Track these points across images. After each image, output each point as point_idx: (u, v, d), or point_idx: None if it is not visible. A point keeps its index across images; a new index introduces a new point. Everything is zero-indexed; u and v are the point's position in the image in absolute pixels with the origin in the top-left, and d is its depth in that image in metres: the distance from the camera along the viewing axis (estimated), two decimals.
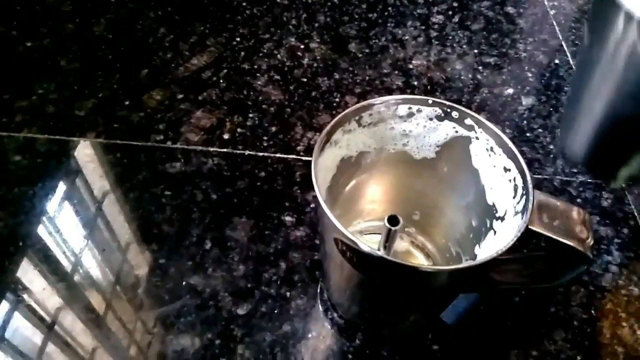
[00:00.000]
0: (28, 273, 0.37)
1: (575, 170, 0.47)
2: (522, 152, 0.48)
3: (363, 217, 0.37)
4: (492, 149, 0.30)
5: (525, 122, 0.51)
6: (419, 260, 0.37)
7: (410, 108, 0.32)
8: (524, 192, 0.27)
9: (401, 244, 0.37)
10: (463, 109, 0.31)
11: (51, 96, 0.49)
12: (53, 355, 0.34)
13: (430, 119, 0.32)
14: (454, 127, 0.32)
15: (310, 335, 0.35)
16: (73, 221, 0.40)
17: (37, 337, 0.34)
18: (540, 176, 0.46)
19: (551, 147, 0.49)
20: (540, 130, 0.50)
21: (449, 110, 0.31)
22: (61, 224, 0.40)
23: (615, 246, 0.42)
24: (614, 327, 0.37)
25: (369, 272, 0.26)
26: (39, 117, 0.47)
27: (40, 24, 0.56)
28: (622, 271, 0.40)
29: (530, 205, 0.26)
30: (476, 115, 0.30)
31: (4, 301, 0.36)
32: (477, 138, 0.31)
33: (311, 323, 0.36)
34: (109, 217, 0.41)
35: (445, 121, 0.32)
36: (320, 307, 0.37)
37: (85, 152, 0.45)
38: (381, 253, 0.23)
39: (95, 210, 0.41)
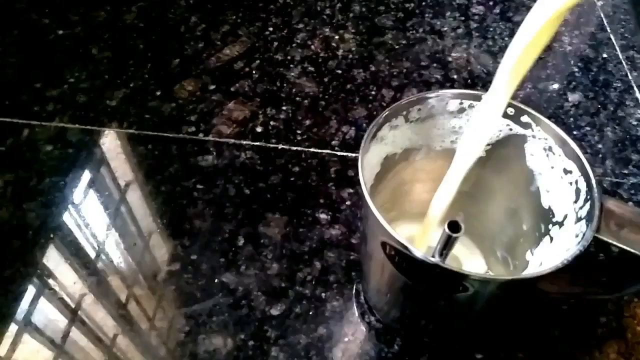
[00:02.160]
0: (58, 265, 0.36)
1: (626, 172, 0.44)
2: None
3: (405, 218, 0.35)
4: (550, 148, 0.28)
5: (571, 119, 0.48)
6: (463, 263, 0.35)
7: (461, 103, 0.30)
8: (589, 196, 0.25)
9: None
10: (520, 105, 0.29)
11: (82, 85, 0.48)
12: (77, 342, 0.33)
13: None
14: (508, 125, 0.29)
15: (346, 339, 0.34)
16: (102, 213, 0.40)
17: (62, 324, 0.34)
18: None
19: (599, 146, 0.46)
20: (587, 128, 0.48)
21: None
22: (90, 216, 0.39)
23: None
24: None
25: (418, 278, 0.25)
26: (70, 106, 0.47)
27: (72, 12, 0.55)
28: None
29: (597, 212, 0.24)
30: (534, 113, 0.28)
31: (32, 288, 0.35)
32: (533, 137, 0.29)
33: (347, 326, 0.35)
34: (139, 210, 0.40)
35: (499, 118, 0.29)
36: (356, 309, 0.35)
37: (116, 143, 0.44)
38: (436, 260, 0.21)
39: (125, 203, 0.40)
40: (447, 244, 0.21)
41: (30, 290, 0.35)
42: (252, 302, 0.35)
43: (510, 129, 0.30)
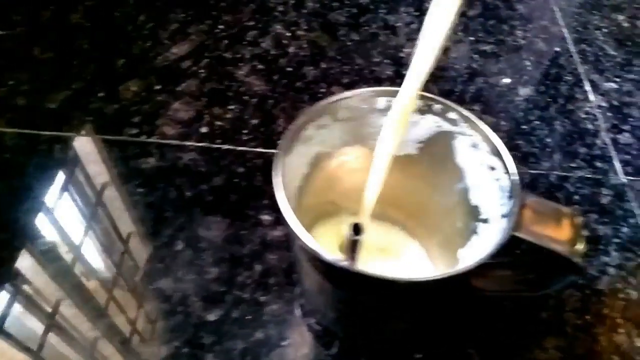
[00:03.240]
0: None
1: (573, 165, 0.44)
2: (516, 146, 0.46)
3: (342, 217, 0.35)
4: (477, 145, 0.28)
5: (522, 113, 0.48)
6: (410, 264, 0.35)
7: (389, 101, 0.29)
8: (510, 193, 0.25)
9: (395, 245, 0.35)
10: (446, 101, 0.28)
11: (22, 87, 0.47)
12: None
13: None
14: (437, 122, 0.29)
15: (284, 343, 0.33)
16: (41, 219, 0.38)
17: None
18: (535, 171, 0.44)
19: (548, 140, 0.46)
20: (537, 122, 0.48)
21: (430, 102, 0.28)
22: (29, 222, 0.38)
23: (613, 246, 0.39)
24: (609, 334, 0.35)
25: (335, 281, 0.24)
26: (8, 109, 0.45)
27: (14, 11, 0.53)
28: (620, 273, 0.38)
29: (516, 209, 0.24)
30: (460, 109, 0.28)
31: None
32: (461, 133, 0.28)
33: (286, 329, 0.34)
34: (79, 215, 0.39)
35: (428, 115, 0.29)
36: (297, 312, 0.35)
37: (55, 147, 0.43)
38: (345, 264, 0.21)
39: (62, 210, 0.39)
40: (352, 247, 0.21)
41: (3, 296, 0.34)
42: (189, 308, 0.34)
43: (439, 126, 0.29)
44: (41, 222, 0.38)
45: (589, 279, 0.37)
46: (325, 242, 0.31)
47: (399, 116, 0.26)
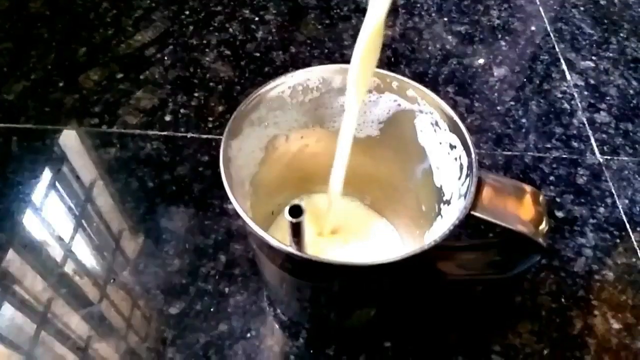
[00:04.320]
0: None
1: (548, 146, 0.43)
2: (491, 128, 0.45)
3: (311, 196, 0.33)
4: (436, 123, 0.26)
5: (496, 94, 0.47)
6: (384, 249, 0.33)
7: (345, 79, 0.28)
8: (469, 171, 0.24)
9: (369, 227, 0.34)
10: (403, 78, 0.27)
11: None
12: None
13: (370, 91, 0.28)
14: (396, 100, 0.28)
15: (249, 335, 0.32)
16: (1, 213, 0.37)
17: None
18: (510, 152, 0.43)
19: (523, 121, 0.45)
20: (512, 103, 0.46)
21: (388, 79, 0.27)
22: None
23: (589, 227, 0.38)
24: (585, 316, 0.34)
25: (289, 269, 0.23)
26: None
27: None
28: (596, 254, 0.37)
29: (472, 188, 0.23)
30: (418, 85, 0.26)
31: None
32: (420, 111, 0.27)
33: (251, 321, 0.33)
34: (37, 207, 0.37)
35: (386, 93, 0.28)
36: (262, 303, 0.34)
37: (12, 140, 0.41)
38: (289, 249, 0.19)
39: (20, 203, 0.38)
40: (294, 230, 0.19)
41: None
42: (150, 302, 0.33)
43: (399, 105, 0.28)
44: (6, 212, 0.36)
45: (564, 260, 0.36)
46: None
47: (355, 90, 0.25)
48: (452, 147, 0.26)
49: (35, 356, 0.31)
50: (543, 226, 0.23)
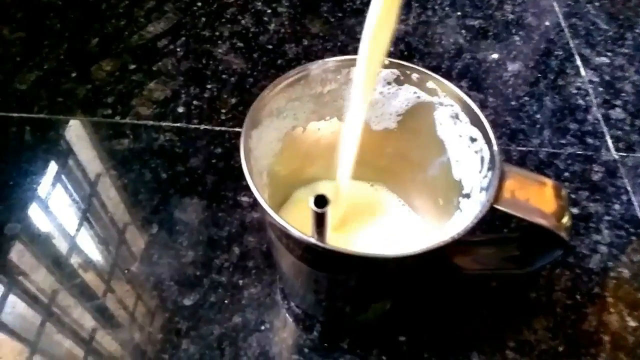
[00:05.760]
0: None
1: (563, 142, 0.43)
2: (505, 123, 0.44)
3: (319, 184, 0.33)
4: (457, 115, 0.26)
5: (510, 89, 0.47)
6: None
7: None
8: (491, 165, 0.24)
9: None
10: (424, 70, 0.26)
11: None
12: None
13: (389, 83, 0.28)
14: (415, 92, 0.27)
15: (263, 327, 0.32)
16: (14, 203, 0.37)
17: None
18: (525, 148, 0.42)
19: (538, 116, 0.45)
20: (526, 98, 0.46)
21: (408, 71, 0.27)
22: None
23: (605, 224, 0.38)
24: (600, 313, 0.34)
25: (309, 261, 0.23)
26: None
27: None
28: (611, 252, 0.37)
29: (495, 181, 0.22)
30: (438, 77, 0.26)
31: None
32: (441, 104, 0.27)
33: (265, 314, 0.33)
34: (52, 198, 0.37)
35: (405, 85, 0.27)
36: (276, 295, 0.33)
37: (25, 129, 0.41)
38: (312, 240, 0.19)
39: (35, 193, 0.38)
40: (318, 221, 0.19)
41: None
42: (164, 293, 0.33)
43: (418, 97, 0.27)
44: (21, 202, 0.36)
45: (579, 257, 0.36)
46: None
47: (363, 80, 0.24)
48: (472, 140, 0.25)
49: (42, 349, 0.31)
50: (566, 220, 0.23)
